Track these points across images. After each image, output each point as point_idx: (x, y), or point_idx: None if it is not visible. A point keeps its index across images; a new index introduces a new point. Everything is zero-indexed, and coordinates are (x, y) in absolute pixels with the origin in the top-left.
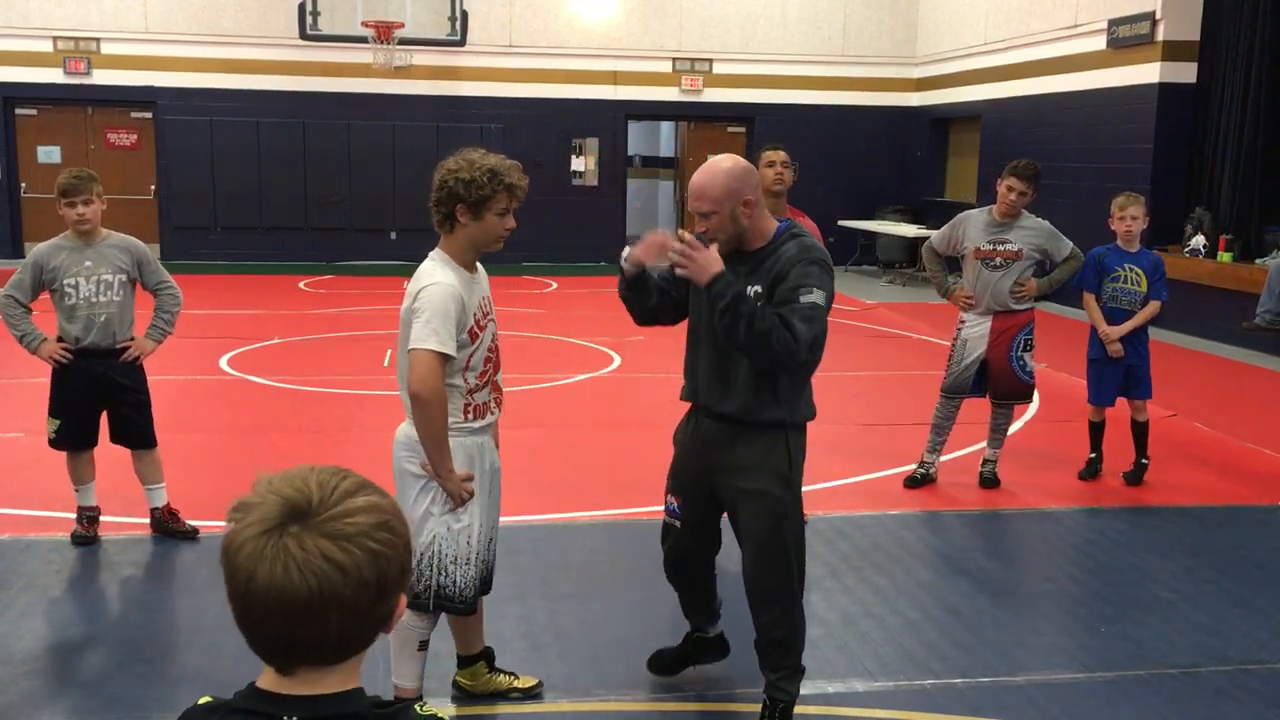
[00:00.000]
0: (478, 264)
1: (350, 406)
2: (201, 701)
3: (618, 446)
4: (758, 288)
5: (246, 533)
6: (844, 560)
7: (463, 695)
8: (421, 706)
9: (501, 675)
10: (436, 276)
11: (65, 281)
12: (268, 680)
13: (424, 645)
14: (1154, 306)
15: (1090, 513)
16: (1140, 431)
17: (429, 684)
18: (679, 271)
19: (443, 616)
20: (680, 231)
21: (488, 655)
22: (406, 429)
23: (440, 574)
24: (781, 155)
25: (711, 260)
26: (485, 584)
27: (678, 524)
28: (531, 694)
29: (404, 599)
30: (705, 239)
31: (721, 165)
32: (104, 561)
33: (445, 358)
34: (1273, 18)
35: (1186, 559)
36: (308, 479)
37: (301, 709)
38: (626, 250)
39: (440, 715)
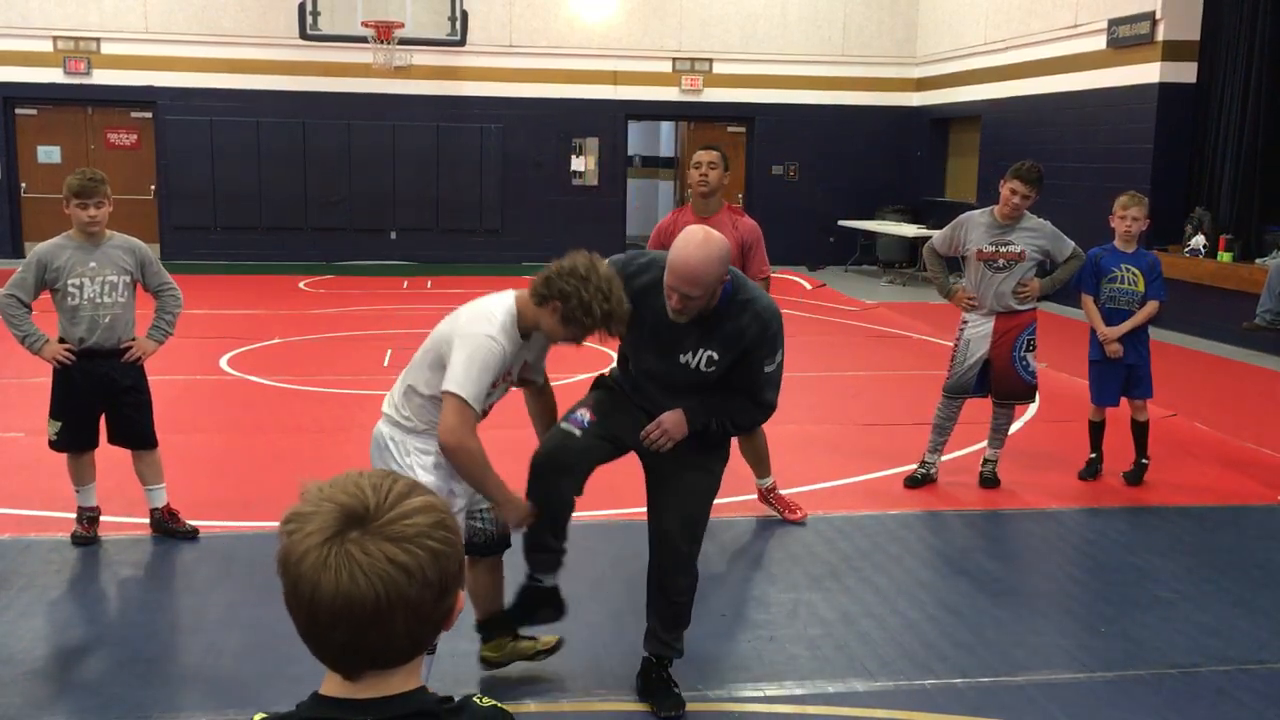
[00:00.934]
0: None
1: (350, 406)
2: (257, 718)
3: None
4: (711, 353)
5: (307, 542)
6: (844, 560)
7: (489, 667)
8: (481, 699)
9: (524, 641)
10: (496, 333)
11: (69, 282)
12: (332, 687)
13: (432, 649)
14: (1152, 306)
15: (1090, 513)
16: (1140, 431)
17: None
18: (658, 448)
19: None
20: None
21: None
22: (389, 431)
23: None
24: (709, 156)
25: (677, 423)
26: (499, 541)
27: (578, 433)
28: (554, 650)
29: (462, 595)
30: (676, 315)
31: (713, 252)
32: (104, 561)
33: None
34: (1273, 18)
35: (1186, 559)
36: (360, 484)
37: (375, 711)
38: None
39: (500, 706)
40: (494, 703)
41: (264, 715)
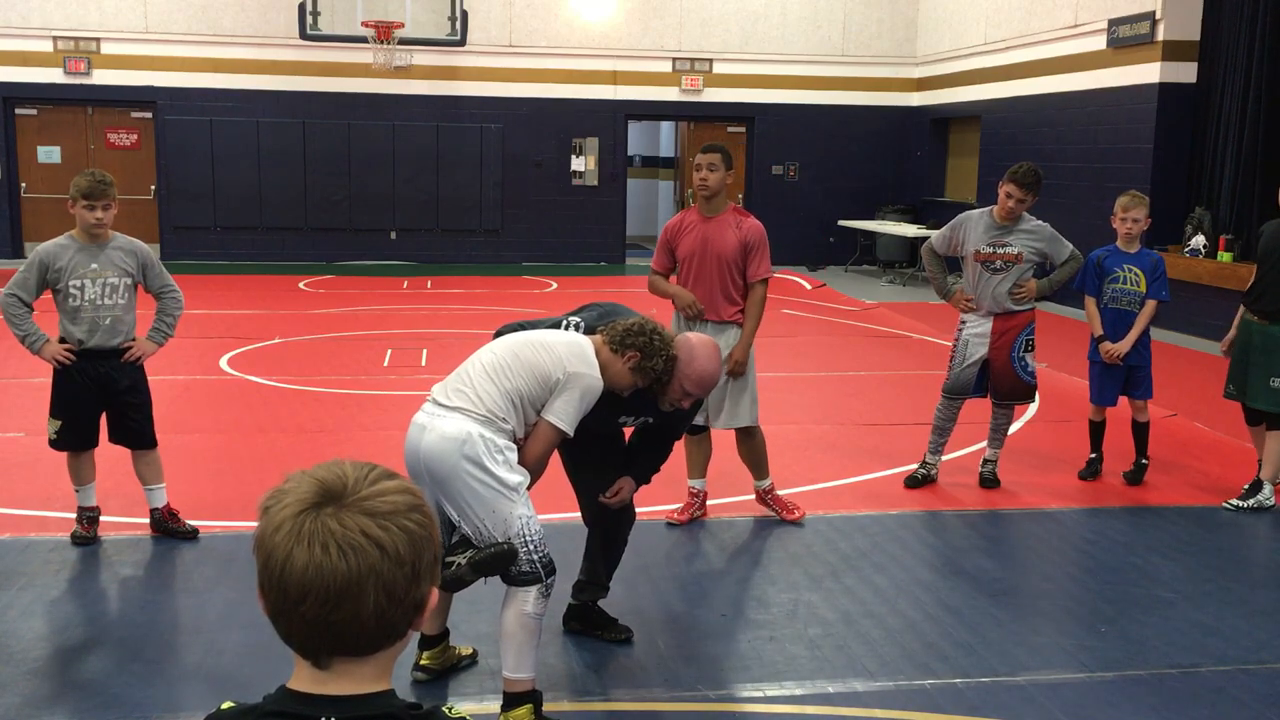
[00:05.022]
0: None
1: (350, 406)
2: (225, 706)
3: None
4: (649, 418)
5: (283, 514)
6: (844, 560)
7: (429, 676)
8: (450, 709)
9: (458, 648)
10: (596, 372)
11: (70, 283)
12: (300, 681)
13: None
14: (1150, 306)
15: (1090, 513)
16: (1141, 432)
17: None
18: (616, 506)
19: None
20: None
21: (446, 632)
22: (478, 429)
23: (544, 547)
24: (709, 158)
25: (630, 488)
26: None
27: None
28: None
29: (435, 592)
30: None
31: (720, 357)
32: (104, 561)
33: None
34: (1273, 18)
35: (1186, 559)
36: (340, 464)
37: (337, 709)
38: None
39: (467, 717)
40: (463, 714)
41: (231, 704)
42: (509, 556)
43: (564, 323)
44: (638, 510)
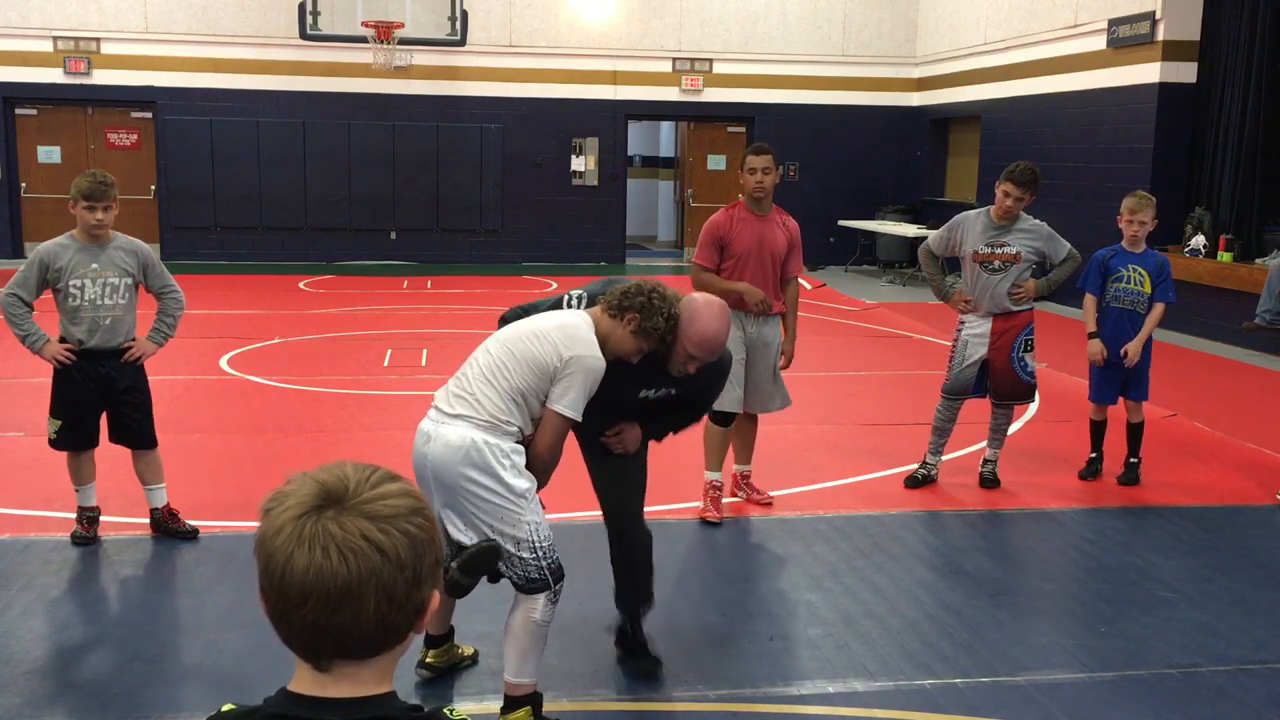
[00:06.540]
0: None
1: (350, 406)
2: (226, 709)
3: None
4: (670, 389)
5: (284, 517)
6: (844, 560)
7: (433, 674)
8: (452, 711)
9: (460, 648)
10: (595, 351)
11: (71, 283)
12: (301, 683)
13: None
14: (1159, 309)
15: (1090, 513)
16: (1134, 432)
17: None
18: (618, 450)
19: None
20: None
21: (451, 631)
22: (481, 435)
23: (553, 552)
24: (764, 161)
25: (634, 438)
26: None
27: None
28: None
29: (436, 595)
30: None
31: (727, 319)
32: (104, 561)
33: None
34: (1273, 18)
35: (1186, 559)
36: (342, 467)
37: (338, 711)
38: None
39: (467, 719)
40: (464, 715)
41: (232, 706)
42: (494, 552)
43: (566, 299)
44: (646, 509)
